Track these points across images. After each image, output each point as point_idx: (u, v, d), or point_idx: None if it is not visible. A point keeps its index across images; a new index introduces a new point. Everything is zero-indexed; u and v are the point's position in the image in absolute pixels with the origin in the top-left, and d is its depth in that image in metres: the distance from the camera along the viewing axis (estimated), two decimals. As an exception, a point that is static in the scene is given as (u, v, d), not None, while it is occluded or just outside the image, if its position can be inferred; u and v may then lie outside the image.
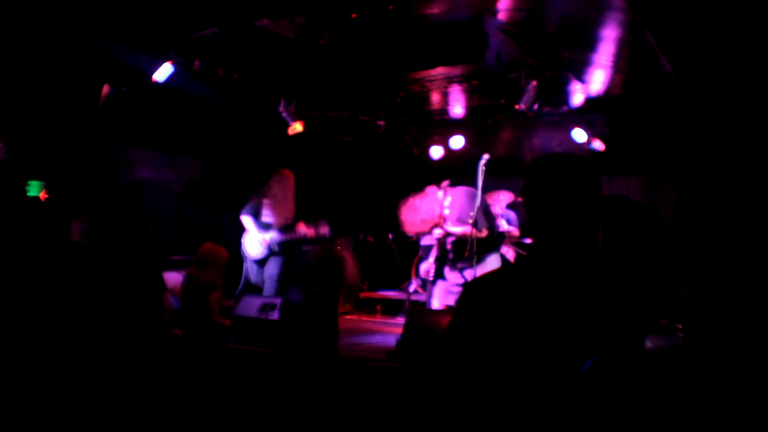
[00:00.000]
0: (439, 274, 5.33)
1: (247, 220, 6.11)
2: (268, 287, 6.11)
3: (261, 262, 6.16)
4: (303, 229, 6.03)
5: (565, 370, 1.36)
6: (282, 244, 6.05)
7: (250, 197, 6.23)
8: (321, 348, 3.81)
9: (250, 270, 6.21)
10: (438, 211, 5.23)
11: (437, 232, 5.27)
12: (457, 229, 5.13)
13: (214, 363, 4.22)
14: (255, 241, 6.08)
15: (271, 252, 6.08)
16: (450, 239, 5.22)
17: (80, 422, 2.62)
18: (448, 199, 5.28)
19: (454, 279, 5.24)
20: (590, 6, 4.49)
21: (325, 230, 6.07)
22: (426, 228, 5.28)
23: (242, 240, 6.18)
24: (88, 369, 2.70)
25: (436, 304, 5.26)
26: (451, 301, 5.18)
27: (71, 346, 2.73)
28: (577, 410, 1.35)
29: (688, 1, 3.75)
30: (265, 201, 6.14)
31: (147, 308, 2.87)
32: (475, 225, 4.93)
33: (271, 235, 6.06)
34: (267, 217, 6.11)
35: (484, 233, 5.05)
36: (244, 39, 5.56)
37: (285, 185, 6.21)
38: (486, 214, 5.14)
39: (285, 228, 6.06)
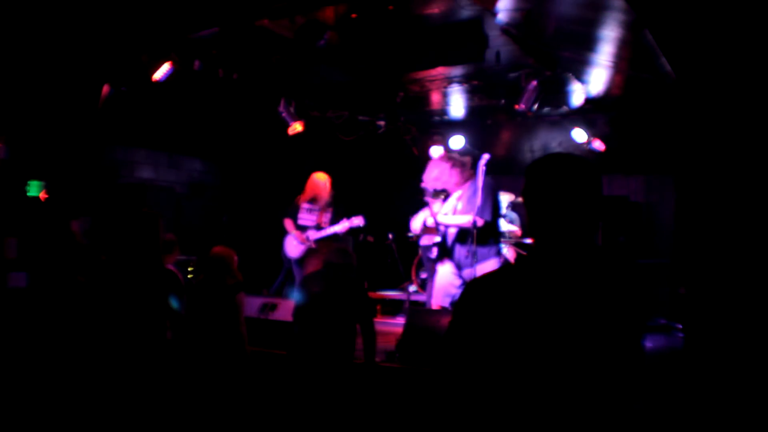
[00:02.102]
0: (442, 256, 5.25)
1: (287, 222, 6.38)
2: None
3: (301, 262, 6.34)
4: (336, 227, 6.23)
5: (565, 370, 1.36)
6: (318, 242, 6.25)
7: (293, 201, 6.51)
8: (331, 351, 3.76)
9: (295, 271, 6.45)
10: (456, 180, 5.08)
11: (429, 221, 5.19)
12: (457, 220, 5.01)
13: (235, 368, 4.13)
14: (294, 242, 6.34)
15: (309, 251, 6.27)
16: (452, 235, 5.14)
17: (83, 423, 2.62)
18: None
19: (452, 278, 5.19)
20: (590, 6, 4.49)
21: (359, 221, 6.24)
22: (444, 186, 5.12)
23: (284, 241, 6.45)
24: (93, 369, 2.70)
25: (433, 303, 5.23)
26: (447, 302, 5.15)
27: (76, 346, 2.73)
28: (576, 410, 1.35)
29: (688, 1, 3.75)
30: (303, 205, 6.39)
31: (155, 309, 2.86)
32: (474, 225, 4.91)
33: (308, 235, 6.29)
34: (303, 220, 6.35)
35: (481, 223, 4.92)
36: (244, 39, 5.56)
37: (320, 188, 6.38)
38: (493, 207, 5.03)
39: (319, 227, 6.31)
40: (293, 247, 6.37)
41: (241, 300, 4.33)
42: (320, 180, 6.37)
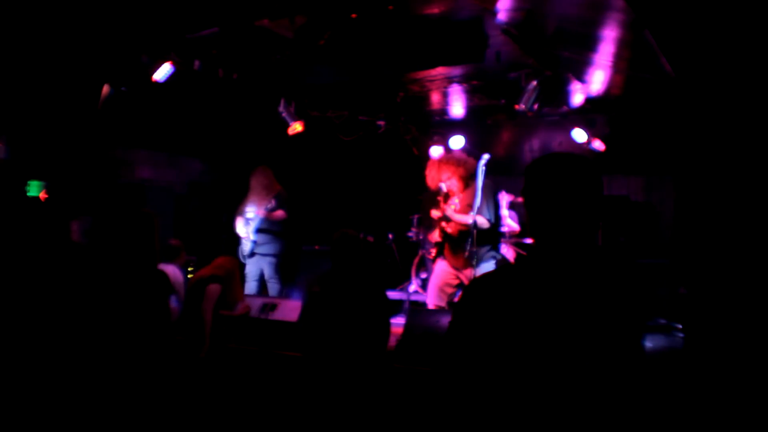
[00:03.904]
0: (440, 254, 5.25)
1: (237, 221, 6.43)
2: (251, 288, 6.34)
3: (252, 258, 6.36)
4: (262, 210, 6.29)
5: (565, 370, 1.36)
6: (259, 231, 6.30)
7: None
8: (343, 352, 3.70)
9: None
10: (465, 174, 5.09)
11: (435, 213, 5.17)
12: (461, 218, 5.01)
13: (210, 362, 4.16)
14: (243, 237, 6.39)
15: (255, 244, 6.30)
16: (450, 229, 5.12)
17: (80, 426, 2.61)
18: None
19: (448, 278, 5.17)
20: (590, 6, 4.49)
21: (271, 204, 6.31)
22: (450, 188, 5.11)
23: (239, 241, 6.45)
24: (91, 371, 2.70)
25: (429, 303, 5.23)
26: (443, 301, 5.13)
27: (73, 348, 2.73)
28: (576, 410, 1.35)
29: (688, 1, 3.75)
30: (248, 199, 6.45)
31: (153, 310, 2.85)
32: (475, 225, 4.91)
33: (250, 227, 6.31)
34: (249, 213, 6.37)
35: (486, 225, 4.93)
36: (244, 39, 5.56)
37: (260, 180, 6.45)
38: (493, 208, 5.04)
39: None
40: (245, 243, 6.53)
41: (210, 291, 4.34)
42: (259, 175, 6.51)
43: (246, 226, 6.34)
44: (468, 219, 4.93)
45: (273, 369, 4.39)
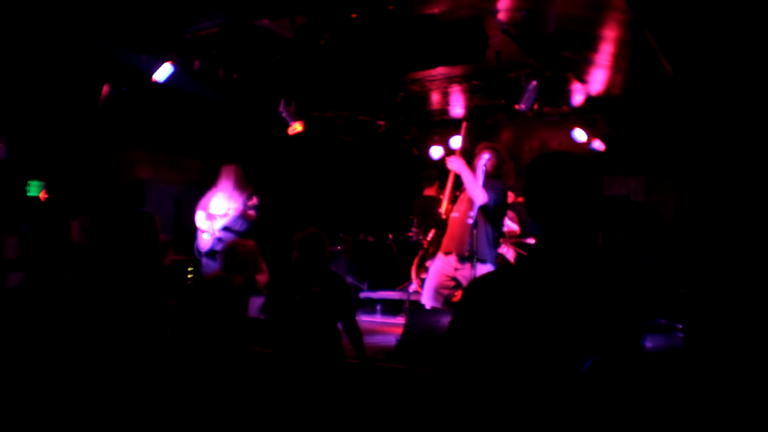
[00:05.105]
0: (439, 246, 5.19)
1: (198, 214, 6.18)
2: None
3: (212, 255, 6.14)
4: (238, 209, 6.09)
5: (566, 370, 1.36)
6: (226, 229, 6.10)
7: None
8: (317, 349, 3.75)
9: (206, 266, 6.21)
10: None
11: (452, 162, 4.99)
12: (471, 180, 4.86)
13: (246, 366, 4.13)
14: (205, 234, 6.17)
15: (219, 241, 6.07)
16: (454, 223, 5.07)
17: (82, 426, 2.61)
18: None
19: (444, 279, 5.13)
20: (590, 6, 4.49)
21: (254, 202, 6.13)
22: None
23: (196, 236, 6.24)
24: (92, 371, 2.70)
25: (426, 304, 5.19)
26: (439, 303, 5.11)
27: (74, 348, 2.73)
28: (577, 410, 1.35)
29: (688, 1, 3.75)
30: (215, 194, 6.23)
31: (154, 309, 2.85)
32: (475, 225, 4.88)
33: (218, 223, 6.10)
34: (215, 208, 6.16)
35: (483, 200, 4.79)
36: (244, 39, 5.57)
37: (232, 177, 6.26)
38: (496, 200, 4.95)
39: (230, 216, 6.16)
40: (204, 240, 6.38)
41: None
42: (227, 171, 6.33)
43: (209, 222, 6.11)
44: (477, 189, 4.73)
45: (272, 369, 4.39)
